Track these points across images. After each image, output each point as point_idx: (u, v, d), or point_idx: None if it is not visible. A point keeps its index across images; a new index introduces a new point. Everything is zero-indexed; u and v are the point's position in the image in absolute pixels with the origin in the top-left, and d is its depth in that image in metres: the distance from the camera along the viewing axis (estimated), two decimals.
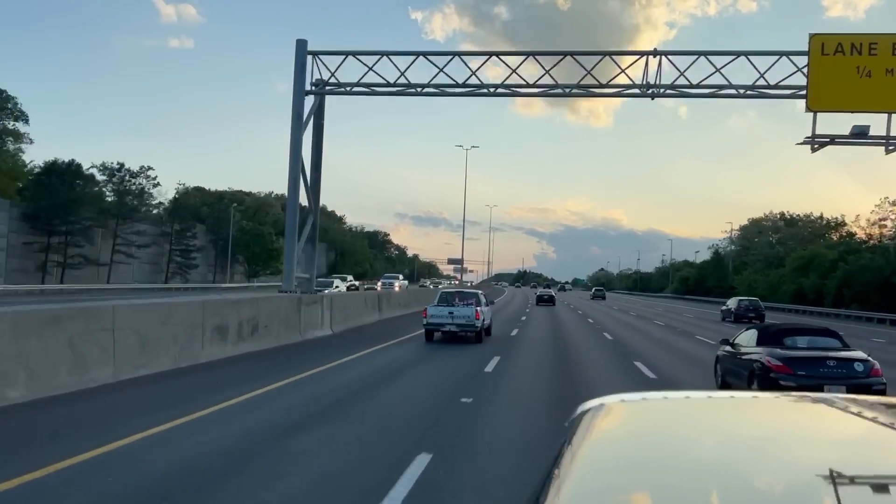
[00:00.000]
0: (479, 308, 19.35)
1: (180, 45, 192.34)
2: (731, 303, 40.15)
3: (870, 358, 9.83)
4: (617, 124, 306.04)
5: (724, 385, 11.77)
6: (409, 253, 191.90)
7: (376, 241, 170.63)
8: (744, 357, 10.76)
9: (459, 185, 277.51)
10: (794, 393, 1.83)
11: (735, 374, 11.18)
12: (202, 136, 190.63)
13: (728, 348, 11.82)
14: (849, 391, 9.16)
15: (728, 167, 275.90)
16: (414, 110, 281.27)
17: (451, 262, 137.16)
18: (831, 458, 1.30)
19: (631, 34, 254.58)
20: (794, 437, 1.49)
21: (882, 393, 9.36)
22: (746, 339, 11.15)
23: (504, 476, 6.33)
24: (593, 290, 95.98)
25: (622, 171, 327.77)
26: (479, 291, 22.85)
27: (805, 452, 1.34)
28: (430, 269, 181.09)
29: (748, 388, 10.27)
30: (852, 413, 1.54)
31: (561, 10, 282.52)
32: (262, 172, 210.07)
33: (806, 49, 19.76)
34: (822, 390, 9.07)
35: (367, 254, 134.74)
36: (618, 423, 1.64)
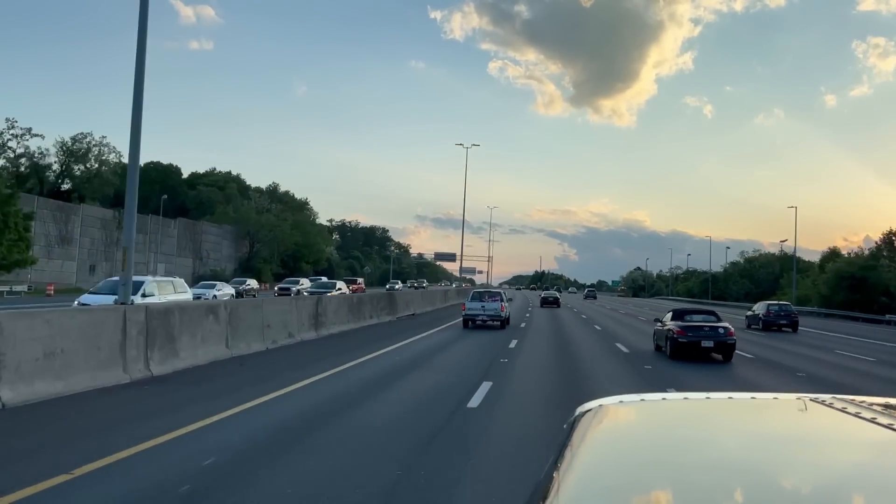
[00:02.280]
0: (503, 303, 27.05)
1: (200, 46, 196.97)
2: (759, 308, 34.54)
3: (729, 326, 17.15)
4: (640, 124, 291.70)
5: (657, 347, 18.99)
6: (414, 252, 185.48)
7: (374, 239, 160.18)
8: (664, 328, 18.00)
9: (479, 187, 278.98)
10: (791, 394, 1.85)
11: (660, 339, 18.44)
12: (219, 136, 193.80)
13: (658, 324, 19.18)
14: (714, 343, 16.61)
15: (754, 167, 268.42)
16: (431, 112, 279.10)
17: (437, 256, 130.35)
18: (829, 458, 1.34)
19: (655, 31, 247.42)
20: (792, 438, 1.52)
21: (733, 346, 16.79)
22: (667, 317, 18.44)
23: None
24: (585, 290, 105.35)
25: (645, 171, 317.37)
26: (503, 291, 30.55)
27: (803, 453, 1.38)
28: (419, 270, 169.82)
29: (666, 346, 17.61)
30: (850, 414, 1.53)
31: (583, 8, 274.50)
32: (271, 172, 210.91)
33: None
34: (700, 344, 16.55)
35: (319, 246, 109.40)
36: (616, 424, 1.67)
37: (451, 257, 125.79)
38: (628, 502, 1.13)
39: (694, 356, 16.75)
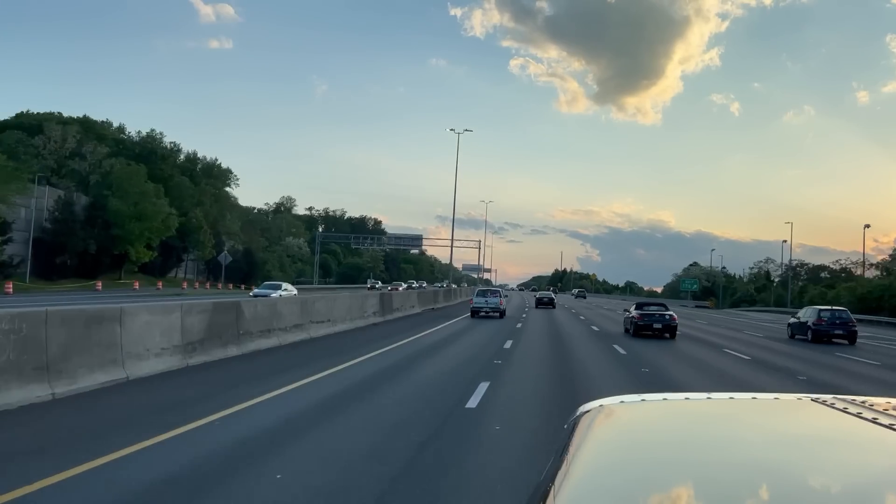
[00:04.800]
0: (502, 298, 35.35)
1: (220, 45, 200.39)
2: (807, 314, 28.45)
3: (673, 314, 24.20)
4: (666, 122, 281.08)
5: (626, 330, 24.44)
6: (430, 253, 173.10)
7: (363, 230, 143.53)
8: (630, 315, 23.42)
9: (499, 186, 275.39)
10: (793, 394, 1.86)
11: (627, 323, 23.95)
12: (234, 135, 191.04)
13: (626, 313, 24.79)
14: (662, 325, 22.62)
15: (783, 166, 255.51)
16: (452, 110, 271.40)
17: (394, 240, 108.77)
18: (830, 459, 1.34)
19: (681, 27, 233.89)
20: (793, 438, 1.52)
21: (675, 327, 22.45)
22: (632, 308, 24.12)
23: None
24: (576, 291, 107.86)
25: (670, 170, 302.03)
26: (500, 289, 37.97)
27: (805, 453, 1.38)
28: (390, 266, 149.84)
29: (630, 327, 23.42)
30: (851, 414, 1.54)
31: (607, 3, 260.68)
32: (287, 172, 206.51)
33: None
34: (652, 325, 22.85)
35: (169, 222, 65.73)
36: (617, 424, 1.68)
37: (416, 241, 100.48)
38: (630, 502, 1.13)
39: (648, 334, 23.50)
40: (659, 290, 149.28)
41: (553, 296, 56.39)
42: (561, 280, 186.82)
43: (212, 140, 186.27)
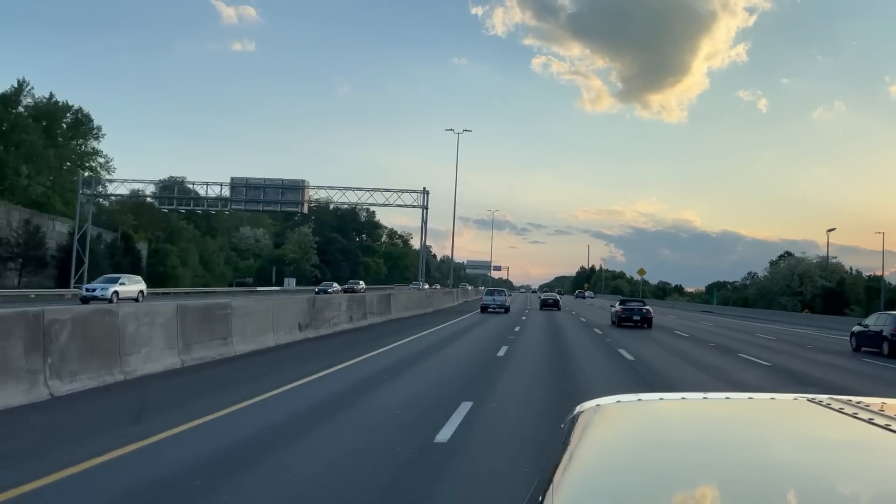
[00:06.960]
0: (507, 296, 42.09)
1: (242, 48, 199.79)
2: (881, 322, 22.14)
3: (650, 308, 29.68)
4: (691, 119, 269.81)
5: (612, 322, 29.51)
6: (439, 253, 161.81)
7: (354, 224, 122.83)
8: (615, 310, 28.92)
9: (523, 187, 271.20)
10: (789, 395, 1.87)
11: (613, 316, 29.10)
12: (257, 137, 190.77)
13: (612, 308, 30.12)
14: (640, 317, 27.67)
15: (812, 163, 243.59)
16: (474, 110, 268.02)
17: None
18: (826, 459, 1.35)
19: (707, 22, 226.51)
20: (789, 438, 1.53)
21: (651, 318, 27.47)
22: (616, 304, 29.52)
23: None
24: (576, 291, 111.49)
25: (696, 169, 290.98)
26: (505, 289, 43.58)
27: (800, 453, 1.39)
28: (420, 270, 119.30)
29: (615, 320, 28.46)
30: (847, 414, 1.55)
31: None
32: (307, 173, 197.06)
33: None
34: (632, 318, 28.01)
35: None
36: (614, 424, 1.70)
37: (290, 199, 57.02)
38: (626, 502, 1.14)
39: (629, 325, 28.92)
40: (701, 289, 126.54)
41: (558, 297, 53.87)
42: (588, 280, 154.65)
43: (223, 139, 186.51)
